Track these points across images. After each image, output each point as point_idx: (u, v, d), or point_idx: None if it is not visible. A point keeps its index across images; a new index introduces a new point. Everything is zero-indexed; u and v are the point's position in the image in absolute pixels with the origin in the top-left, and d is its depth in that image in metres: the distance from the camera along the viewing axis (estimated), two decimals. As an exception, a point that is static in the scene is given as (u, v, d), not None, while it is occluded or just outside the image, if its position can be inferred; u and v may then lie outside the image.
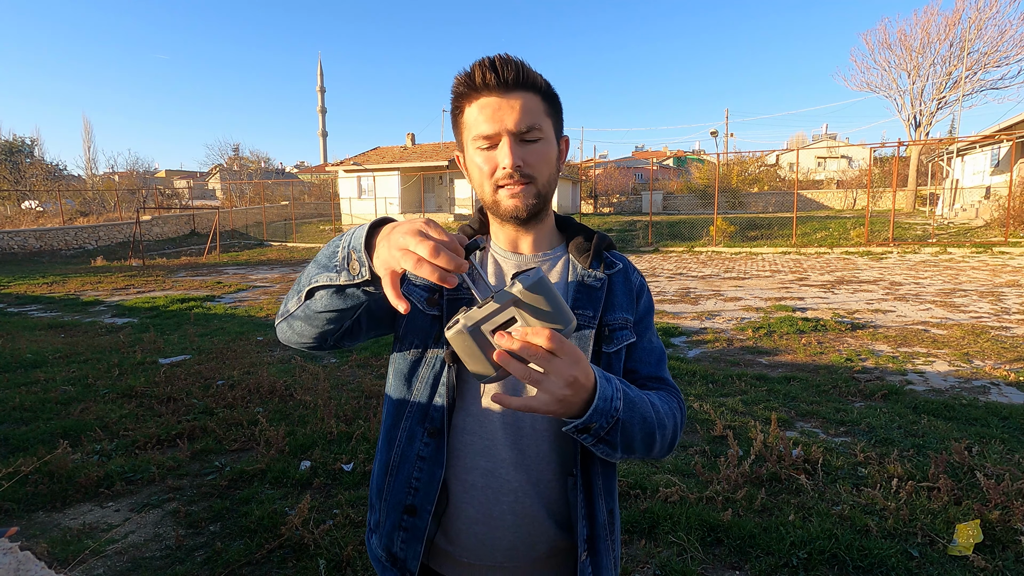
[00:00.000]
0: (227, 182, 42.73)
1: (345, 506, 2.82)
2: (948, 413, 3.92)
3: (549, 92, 0.89)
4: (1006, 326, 6.59)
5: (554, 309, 0.66)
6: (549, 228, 0.99)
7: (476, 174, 0.90)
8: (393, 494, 0.91)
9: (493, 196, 0.89)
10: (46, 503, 2.91)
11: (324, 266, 0.79)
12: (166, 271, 15.33)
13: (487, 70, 0.83)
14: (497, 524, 0.87)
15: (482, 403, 0.89)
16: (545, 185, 0.89)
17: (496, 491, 0.87)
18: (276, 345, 6.39)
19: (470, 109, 0.87)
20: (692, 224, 20.80)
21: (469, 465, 0.88)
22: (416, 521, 0.88)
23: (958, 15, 24.03)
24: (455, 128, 0.93)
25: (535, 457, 0.89)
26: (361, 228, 0.74)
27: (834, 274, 11.56)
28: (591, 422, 0.74)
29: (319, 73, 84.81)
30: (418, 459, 0.89)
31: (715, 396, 4.42)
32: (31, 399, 4.41)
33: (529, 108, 0.85)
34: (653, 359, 0.99)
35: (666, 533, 2.55)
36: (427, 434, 0.89)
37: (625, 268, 1.00)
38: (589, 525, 0.89)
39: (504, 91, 0.84)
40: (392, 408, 0.95)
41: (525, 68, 0.85)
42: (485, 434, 0.88)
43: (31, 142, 37.63)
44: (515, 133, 0.85)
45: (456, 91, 0.88)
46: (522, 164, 0.85)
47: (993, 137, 18.54)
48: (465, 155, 0.93)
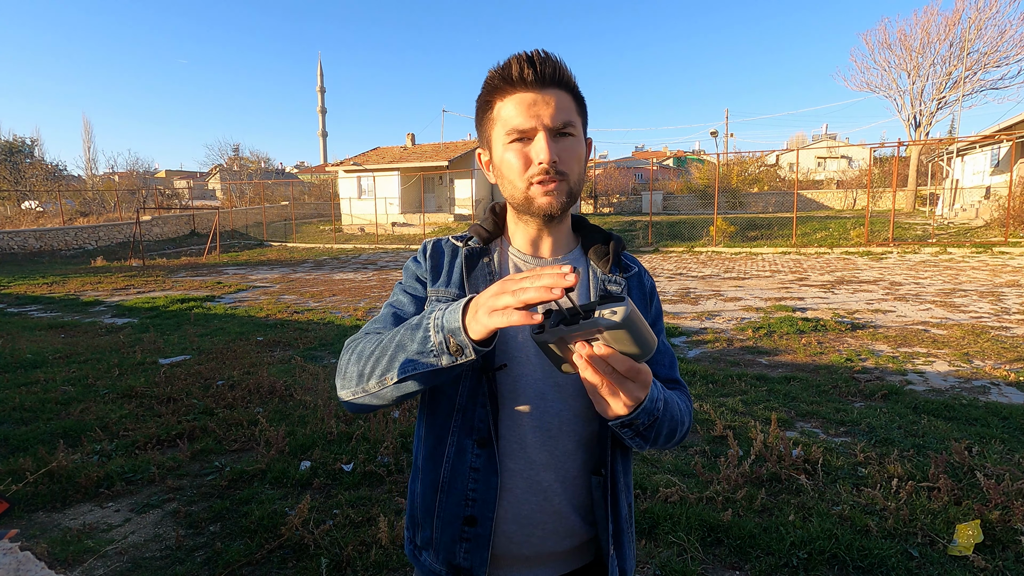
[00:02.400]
0: (227, 182, 42.73)
1: (345, 506, 2.82)
2: (948, 413, 3.92)
3: (579, 92, 0.89)
4: (1006, 326, 6.59)
5: (640, 341, 0.67)
6: (567, 229, 0.99)
7: (507, 170, 0.88)
8: (448, 509, 0.90)
9: (525, 192, 0.87)
10: (46, 503, 2.91)
11: (418, 352, 0.76)
12: (166, 271, 15.33)
13: (525, 64, 0.83)
14: (526, 522, 0.89)
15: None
16: (576, 183, 0.89)
17: (525, 491, 0.89)
18: (276, 345, 6.39)
19: (503, 103, 0.86)
20: (692, 224, 20.80)
21: (501, 468, 0.89)
22: (478, 530, 0.88)
23: (958, 15, 24.02)
24: (482, 123, 0.91)
25: (562, 456, 0.90)
26: (451, 312, 0.73)
27: (834, 274, 11.56)
28: (637, 419, 0.77)
29: (319, 73, 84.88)
30: (471, 471, 0.89)
31: (715, 396, 4.42)
32: (31, 399, 4.41)
33: (564, 105, 0.85)
34: (667, 361, 1.01)
35: (666, 533, 2.55)
36: (476, 445, 0.89)
37: (639, 271, 1.01)
38: (614, 520, 0.92)
39: (540, 87, 0.84)
40: (433, 426, 0.94)
41: (562, 66, 0.85)
42: (514, 438, 0.89)
43: (31, 142, 37.63)
44: (551, 128, 0.84)
45: (490, 84, 0.87)
46: (557, 160, 0.84)
47: (993, 137, 18.54)
48: (492, 151, 0.91)
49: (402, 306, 0.96)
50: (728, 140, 43.24)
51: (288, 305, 9.24)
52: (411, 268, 1.01)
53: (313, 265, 16.28)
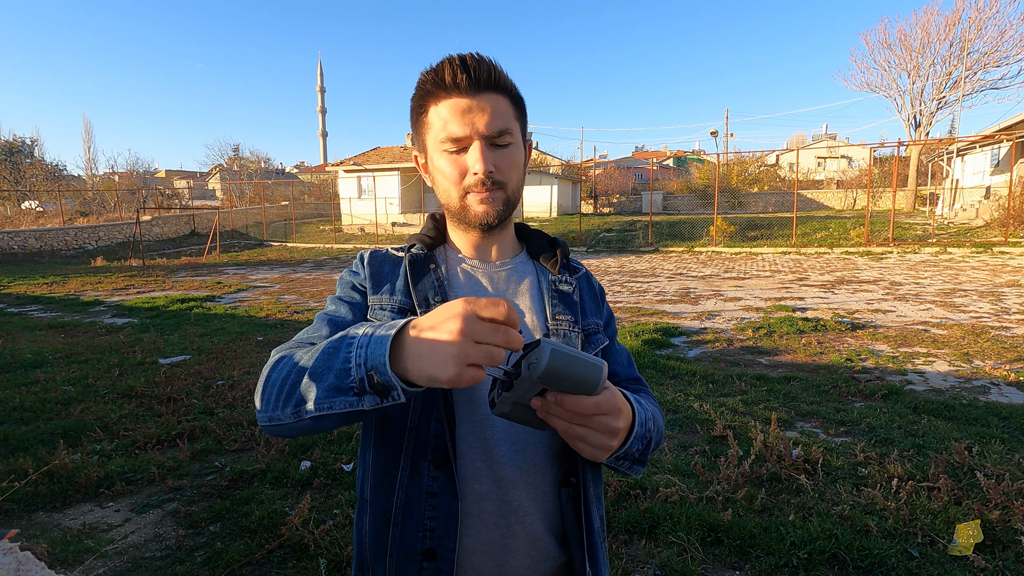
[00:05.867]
0: (227, 182, 42.77)
1: (345, 506, 2.82)
2: (948, 413, 3.92)
3: (517, 94, 0.86)
4: (1006, 326, 6.59)
5: (578, 375, 0.61)
6: (511, 236, 0.96)
7: (441, 179, 0.85)
8: (403, 544, 0.80)
9: (461, 202, 0.84)
10: (46, 503, 2.91)
11: (334, 387, 0.63)
12: (166, 271, 15.33)
13: (459, 69, 0.78)
14: (497, 550, 0.81)
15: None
16: (514, 191, 0.86)
17: (494, 515, 0.81)
18: (276, 345, 6.38)
19: (436, 109, 0.82)
20: (692, 224, 20.81)
21: (463, 492, 0.81)
22: (439, 565, 0.78)
23: (958, 15, 24.04)
24: (416, 127, 0.88)
25: (534, 471, 0.83)
26: (377, 340, 0.62)
27: (834, 274, 11.56)
28: (631, 448, 0.74)
29: (319, 73, 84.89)
30: (428, 496, 0.79)
31: (715, 396, 4.42)
32: (31, 399, 4.41)
33: (500, 111, 0.81)
34: (626, 360, 0.99)
35: (666, 533, 2.55)
36: (432, 467, 0.79)
37: (586, 273, 1.00)
38: (588, 535, 0.86)
39: (475, 92, 0.80)
40: (383, 447, 0.84)
41: (497, 69, 0.81)
42: (478, 455, 0.81)
43: (31, 142, 37.69)
44: (487, 137, 0.81)
45: (422, 88, 0.83)
46: (493, 170, 0.81)
47: (993, 137, 18.54)
48: (428, 157, 0.87)
49: (338, 314, 0.86)
50: (728, 140, 43.28)
51: (288, 305, 9.24)
52: (346, 279, 0.92)
53: (313, 265, 16.28)
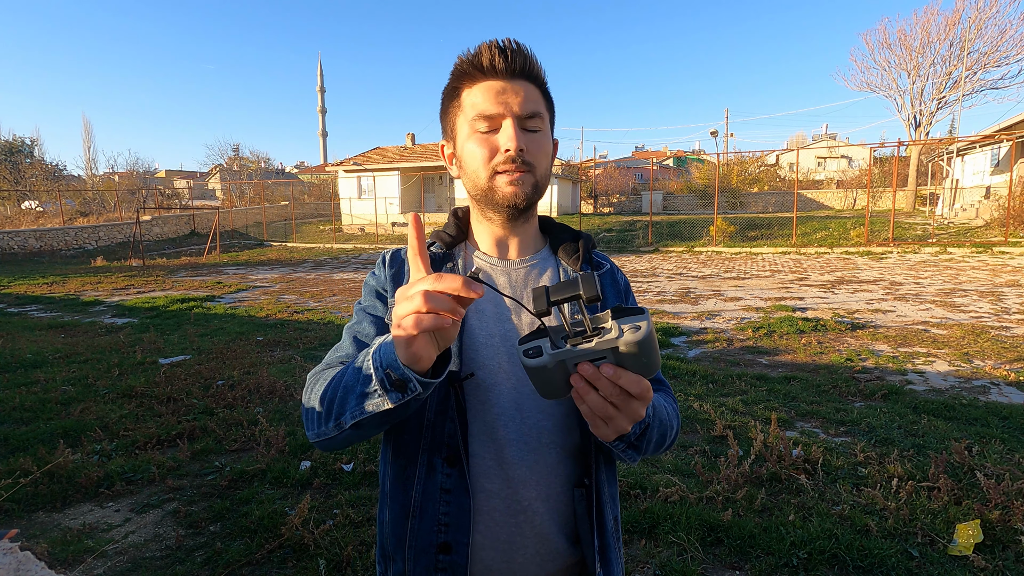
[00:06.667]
0: (227, 182, 42.76)
1: (345, 506, 2.82)
2: (948, 413, 3.92)
3: (547, 90, 0.87)
4: (1006, 326, 6.59)
5: (655, 355, 0.60)
6: (535, 229, 0.95)
7: (470, 159, 0.84)
8: (421, 537, 0.82)
9: (489, 182, 0.83)
10: (46, 503, 2.91)
11: (362, 394, 0.70)
12: (166, 271, 15.33)
13: (496, 53, 0.80)
14: (505, 547, 0.82)
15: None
16: (543, 177, 0.85)
17: (504, 512, 0.82)
18: (276, 345, 6.39)
19: (470, 91, 0.83)
20: (692, 224, 20.80)
21: (475, 489, 0.82)
22: (454, 558, 0.81)
23: (958, 15, 24.04)
24: (447, 111, 0.88)
25: (545, 471, 0.84)
26: (388, 341, 0.67)
27: (834, 274, 11.56)
28: (628, 431, 0.74)
29: (319, 73, 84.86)
30: (443, 492, 0.82)
31: (715, 396, 4.42)
32: (31, 399, 4.41)
33: (532, 97, 0.83)
34: None
35: (666, 533, 2.55)
36: (446, 464, 0.82)
37: (611, 268, 0.98)
38: (600, 535, 0.86)
39: (510, 77, 0.81)
40: (402, 445, 0.86)
41: (532, 59, 0.83)
42: (489, 454, 0.82)
43: (31, 142, 37.64)
44: (519, 116, 0.81)
45: (458, 71, 0.83)
46: (524, 149, 0.81)
47: (993, 137, 18.54)
48: (457, 141, 0.87)
49: (364, 334, 0.88)
50: (728, 140, 43.28)
51: (288, 305, 9.24)
52: (370, 283, 0.93)
53: (313, 265, 16.28)
